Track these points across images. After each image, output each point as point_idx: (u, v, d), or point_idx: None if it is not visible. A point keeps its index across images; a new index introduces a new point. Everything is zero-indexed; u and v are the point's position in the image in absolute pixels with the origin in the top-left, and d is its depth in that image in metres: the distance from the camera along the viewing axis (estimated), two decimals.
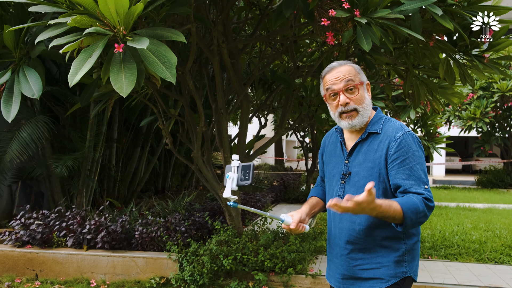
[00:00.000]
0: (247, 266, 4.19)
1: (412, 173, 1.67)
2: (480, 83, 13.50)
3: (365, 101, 1.81)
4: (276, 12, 3.41)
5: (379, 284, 1.75)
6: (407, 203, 1.59)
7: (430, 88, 4.69)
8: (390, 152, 1.72)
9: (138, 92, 4.72)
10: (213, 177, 4.69)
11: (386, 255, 1.75)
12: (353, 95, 1.79)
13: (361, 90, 1.81)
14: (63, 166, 5.66)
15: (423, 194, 1.63)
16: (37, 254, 4.58)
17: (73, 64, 2.22)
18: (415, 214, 1.59)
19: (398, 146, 1.71)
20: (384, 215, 1.56)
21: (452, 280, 4.30)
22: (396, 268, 1.74)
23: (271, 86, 5.51)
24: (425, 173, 1.71)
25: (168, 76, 2.23)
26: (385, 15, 2.89)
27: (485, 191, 14.12)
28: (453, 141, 10.82)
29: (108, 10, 2.21)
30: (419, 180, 1.67)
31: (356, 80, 1.80)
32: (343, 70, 1.81)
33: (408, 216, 1.57)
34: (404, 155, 1.70)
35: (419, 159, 1.71)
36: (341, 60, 1.88)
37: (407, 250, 1.76)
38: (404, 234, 1.76)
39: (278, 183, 10.98)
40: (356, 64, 1.86)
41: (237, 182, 1.78)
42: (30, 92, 2.94)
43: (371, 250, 1.77)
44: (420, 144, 1.77)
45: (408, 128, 1.79)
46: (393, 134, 1.74)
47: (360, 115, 1.80)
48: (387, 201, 1.58)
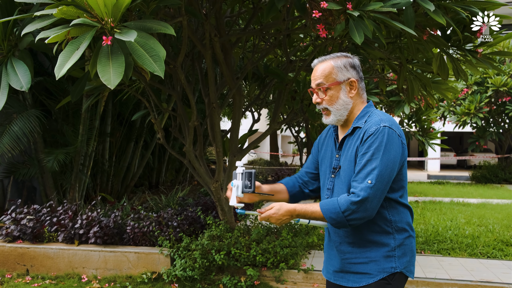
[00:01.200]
0: (239, 261, 4.17)
1: (363, 168, 1.66)
2: (474, 78, 13.50)
3: (338, 101, 1.80)
4: (268, 5, 3.38)
5: (367, 279, 1.73)
6: (327, 205, 1.68)
7: (424, 83, 4.67)
8: (360, 143, 1.72)
9: (130, 86, 4.68)
10: (205, 171, 4.66)
11: (375, 250, 1.74)
12: (324, 95, 1.81)
13: (333, 90, 1.80)
14: (54, 160, 5.61)
15: (354, 192, 1.64)
16: (28, 249, 4.55)
17: (60, 56, 2.18)
18: (336, 214, 1.65)
19: (366, 140, 1.69)
20: (305, 216, 1.72)
21: (444, 275, 4.31)
22: (384, 263, 1.72)
23: (265, 80, 5.48)
24: (380, 168, 1.64)
25: (156, 69, 2.20)
26: (378, 8, 2.87)
27: (479, 186, 14.17)
28: (448, 137, 10.89)
29: (96, 1, 2.17)
30: (365, 176, 1.64)
31: (328, 80, 1.79)
32: (319, 69, 1.82)
33: (328, 216, 1.67)
34: (367, 149, 1.68)
35: (378, 155, 1.65)
36: (326, 55, 1.87)
37: (397, 245, 1.74)
38: (393, 229, 1.74)
39: (273, 178, 10.97)
40: (344, 59, 1.83)
41: (242, 189, 1.80)
42: (19, 84, 2.90)
43: (360, 244, 1.76)
44: (394, 140, 1.69)
45: (390, 122, 1.72)
46: (368, 127, 1.72)
47: (332, 114, 1.82)
48: (304, 205, 1.73)
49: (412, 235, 1.80)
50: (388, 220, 1.74)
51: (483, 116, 13.58)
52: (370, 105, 1.85)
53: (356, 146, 1.73)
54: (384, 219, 1.74)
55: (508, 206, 9.05)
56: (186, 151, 4.54)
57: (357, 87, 1.82)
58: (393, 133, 1.69)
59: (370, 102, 1.87)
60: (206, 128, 5.63)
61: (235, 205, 1.80)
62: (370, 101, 1.87)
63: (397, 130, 1.71)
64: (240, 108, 4.81)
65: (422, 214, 7.76)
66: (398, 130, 1.72)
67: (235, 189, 1.79)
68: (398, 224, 1.75)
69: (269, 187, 1.94)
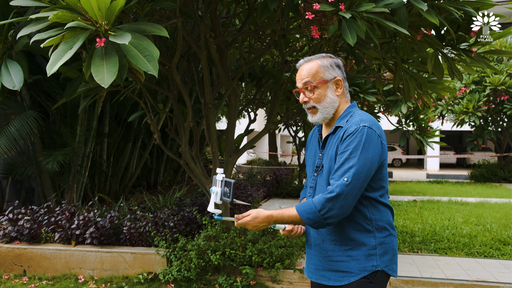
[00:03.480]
0: (235, 261, 4.19)
1: (341, 166, 1.69)
2: (472, 77, 13.51)
3: (325, 99, 1.83)
4: (261, 5, 3.40)
5: (349, 277, 1.75)
6: (302, 206, 1.71)
7: (420, 83, 4.68)
8: (340, 144, 1.74)
9: (126, 87, 4.69)
10: (201, 172, 4.68)
11: (356, 249, 1.76)
12: (311, 94, 1.84)
13: (321, 89, 1.83)
14: (54, 162, 5.63)
15: (328, 190, 1.67)
16: (25, 250, 4.57)
17: (52, 55, 2.21)
18: (312, 214, 1.67)
19: (345, 139, 1.72)
20: (283, 221, 1.75)
21: (440, 274, 4.32)
22: (365, 262, 1.75)
23: (261, 81, 5.50)
24: (358, 166, 1.65)
25: (150, 69, 2.22)
26: (370, 9, 2.88)
27: (478, 185, 14.18)
28: (448, 135, 10.86)
29: (90, 5, 2.20)
30: (342, 174, 1.66)
31: (315, 79, 1.83)
32: (305, 69, 1.86)
33: (305, 217, 1.69)
34: (345, 147, 1.70)
35: (356, 153, 1.67)
36: (312, 55, 1.90)
37: (377, 243, 1.76)
38: (374, 227, 1.77)
39: (271, 178, 10.98)
40: (329, 59, 1.86)
41: (220, 196, 1.82)
42: (11, 84, 2.93)
43: (341, 242, 1.78)
44: (373, 139, 1.70)
45: (371, 122, 1.74)
46: (349, 127, 1.74)
47: (319, 112, 1.85)
48: (280, 210, 1.76)
49: (393, 234, 1.83)
50: (369, 218, 1.76)
51: (482, 115, 13.59)
52: (353, 105, 1.88)
53: (337, 145, 1.76)
54: (365, 218, 1.76)
55: (507, 205, 9.06)
56: (182, 152, 4.56)
57: (342, 86, 1.86)
58: (372, 132, 1.71)
59: (354, 102, 1.90)
60: (203, 129, 5.65)
61: (213, 211, 1.83)
62: (354, 102, 1.90)
63: (377, 130, 1.73)
64: (236, 109, 4.82)
65: (419, 213, 7.77)
66: (378, 130, 1.74)
67: (214, 196, 1.82)
68: (379, 222, 1.78)
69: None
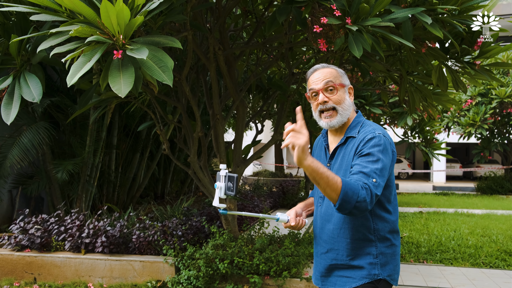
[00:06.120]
0: (242, 269, 4.23)
1: (367, 165, 1.69)
2: (478, 89, 13.56)
3: (345, 102, 1.87)
4: (270, 19, 3.50)
5: (350, 283, 1.81)
6: (350, 184, 1.58)
7: (424, 95, 4.76)
8: (357, 151, 1.78)
9: (137, 98, 4.80)
10: (209, 182, 4.75)
11: (358, 258, 1.80)
12: (332, 95, 1.86)
13: (340, 91, 1.87)
14: (63, 171, 5.73)
15: (366, 184, 1.62)
16: (35, 257, 4.64)
17: (72, 67, 2.32)
18: (352, 195, 1.57)
19: (364, 144, 1.76)
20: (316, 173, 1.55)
21: (446, 284, 4.34)
22: (368, 270, 1.79)
23: (268, 92, 5.59)
24: (382, 171, 1.69)
25: (165, 79, 2.32)
26: (376, 23, 2.97)
27: (484, 197, 14.13)
28: (454, 148, 10.87)
29: (110, 21, 2.30)
30: (370, 173, 1.67)
31: (336, 81, 1.87)
32: (325, 71, 1.89)
33: (344, 191, 1.56)
34: (367, 150, 1.73)
35: (379, 157, 1.71)
36: (325, 63, 1.96)
37: (378, 253, 1.81)
38: (376, 237, 1.81)
39: (277, 189, 11.02)
40: (341, 69, 1.94)
41: (224, 191, 1.85)
42: (31, 96, 3.02)
43: (344, 251, 1.82)
44: (388, 147, 1.77)
45: (383, 131, 1.80)
46: (364, 136, 1.79)
47: (339, 114, 1.86)
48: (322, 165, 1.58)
49: (395, 244, 1.86)
50: (372, 228, 1.81)
51: (488, 127, 13.60)
52: (360, 115, 1.95)
53: (351, 154, 1.80)
54: (368, 228, 1.81)
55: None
56: (190, 162, 4.64)
57: (353, 95, 1.94)
58: (386, 140, 1.78)
59: (359, 112, 1.97)
60: (211, 139, 5.74)
61: (218, 206, 1.86)
62: (359, 111, 1.97)
63: (389, 139, 1.81)
64: (244, 120, 4.91)
65: (425, 224, 7.78)
66: (390, 139, 1.82)
67: (218, 191, 1.85)
68: (381, 232, 1.82)
69: (303, 203, 2.04)
